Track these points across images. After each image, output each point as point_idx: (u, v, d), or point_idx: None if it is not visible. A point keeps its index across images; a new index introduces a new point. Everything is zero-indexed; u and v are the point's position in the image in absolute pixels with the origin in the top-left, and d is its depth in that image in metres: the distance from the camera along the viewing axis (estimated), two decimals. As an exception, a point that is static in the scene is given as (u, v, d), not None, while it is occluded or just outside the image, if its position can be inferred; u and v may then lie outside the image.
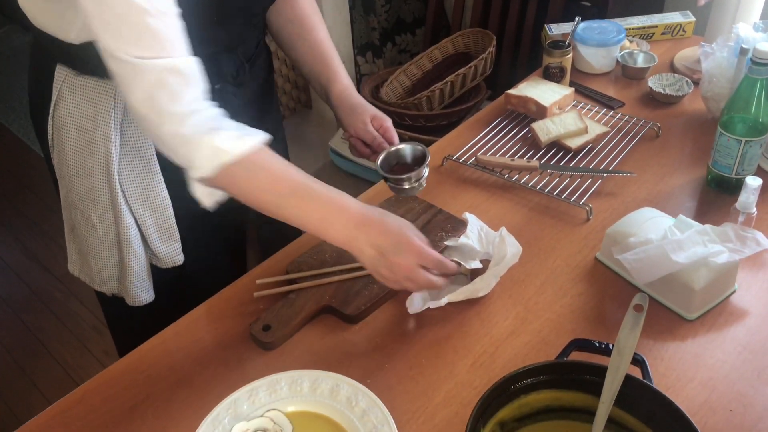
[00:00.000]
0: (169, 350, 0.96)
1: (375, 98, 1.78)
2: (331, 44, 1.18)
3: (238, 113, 1.04)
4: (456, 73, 1.70)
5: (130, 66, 0.80)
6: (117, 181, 1.02)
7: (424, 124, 1.71)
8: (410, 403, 0.86)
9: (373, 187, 1.28)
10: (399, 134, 1.72)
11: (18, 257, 2.53)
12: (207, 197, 0.91)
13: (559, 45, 1.41)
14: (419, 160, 1.10)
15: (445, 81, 1.69)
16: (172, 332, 0.99)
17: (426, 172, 1.09)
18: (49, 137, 1.04)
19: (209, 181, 0.87)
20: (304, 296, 1.00)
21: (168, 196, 1.07)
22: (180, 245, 1.11)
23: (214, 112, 0.87)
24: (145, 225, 1.07)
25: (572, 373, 0.75)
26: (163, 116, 0.83)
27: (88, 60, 0.93)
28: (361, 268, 1.02)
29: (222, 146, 0.84)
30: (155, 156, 1.03)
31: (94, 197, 1.04)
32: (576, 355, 0.79)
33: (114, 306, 1.16)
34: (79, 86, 0.98)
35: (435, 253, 0.90)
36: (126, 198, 1.04)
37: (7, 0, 3.86)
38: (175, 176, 1.08)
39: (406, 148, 1.11)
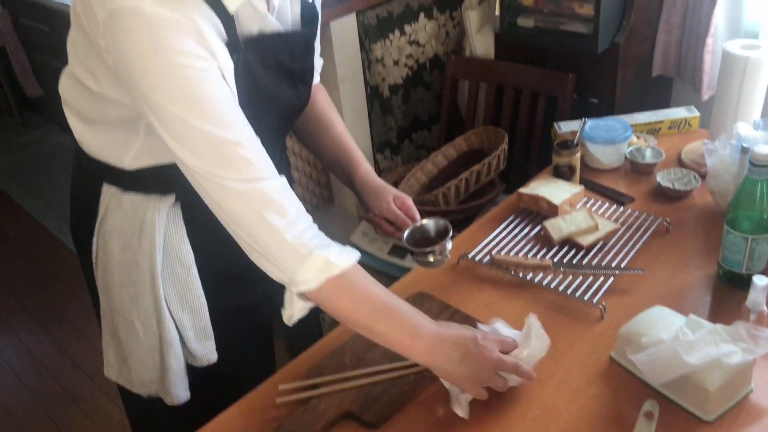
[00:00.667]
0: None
1: (393, 195, 1.85)
2: (349, 135, 1.29)
3: None
4: (470, 169, 1.77)
5: (234, 192, 0.89)
6: (161, 288, 1.08)
7: (441, 220, 1.77)
8: None
9: (398, 282, 1.32)
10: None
11: (48, 351, 2.59)
12: (300, 311, 0.98)
13: (568, 145, 1.47)
14: (442, 234, 1.19)
15: (460, 177, 1.75)
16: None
17: (449, 245, 1.18)
18: (94, 251, 1.11)
19: (310, 295, 0.94)
20: (325, 402, 1.03)
21: (204, 298, 1.14)
22: (214, 344, 1.16)
23: (316, 228, 0.96)
24: (183, 326, 1.13)
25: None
26: (277, 234, 0.90)
27: (135, 179, 1.01)
28: (380, 373, 1.06)
29: (333, 260, 0.92)
30: (194, 263, 1.10)
31: (138, 304, 1.11)
32: (591, 464, 0.79)
33: (139, 404, 1.20)
34: (126, 201, 1.05)
35: (509, 339, 1.00)
36: (167, 302, 1.10)
37: (47, 102, 4.11)
38: (210, 281, 1.15)
39: (430, 223, 1.20)
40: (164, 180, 1.04)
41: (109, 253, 1.09)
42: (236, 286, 1.22)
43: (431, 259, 1.16)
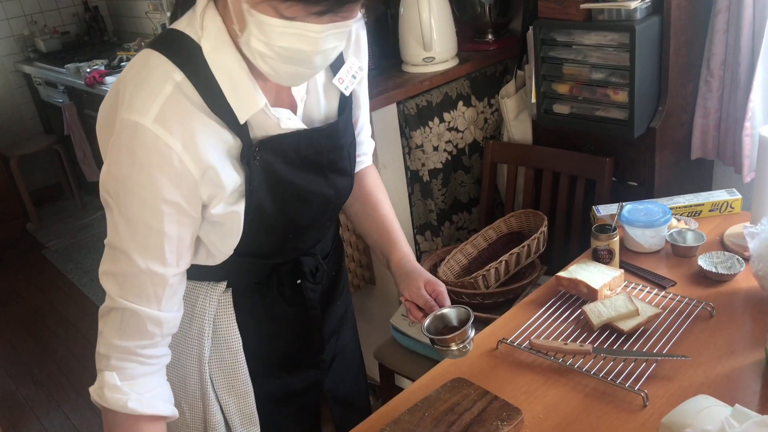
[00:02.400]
0: None
1: (434, 273, 1.87)
2: (393, 217, 1.30)
3: (314, 304, 1.17)
4: (510, 252, 1.78)
5: (122, 310, 0.95)
6: (207, 372, 1.12)
7: (481, 302, 1.77)
8: None
9: (436, 366, 1.32)
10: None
11: (89, 423, 2.62)
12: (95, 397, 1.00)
13: (606, 229, 1.48)
14: (464, 322, 1.15)
15: (500, 260, 1.76)
16: None
17: (472, 333, 1.14)
18: None
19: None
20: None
21: (251, 384, 1.17)
22: (259, 430, 1.18)
23: (142, 367, 0.97)
24: (228, 411, 1.16)
25: None
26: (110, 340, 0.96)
27: (190, 268, 1.06)
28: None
29: (106, 395, 0.95)
30: (241, 348, 1.14)
31: (185, 387, 1.14)
32: None
33: None
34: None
35: None
36: (214, 386, 1.14)
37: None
38: (258, 366, 1.18)
39: (451, 312, 1.17)
40: (217, 269, 1.09)
41: None
42: (284, 371, 1.25)
43: (453, 347, 1.13)
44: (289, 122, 1.02)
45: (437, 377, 1.27)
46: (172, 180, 0.90)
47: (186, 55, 0.91)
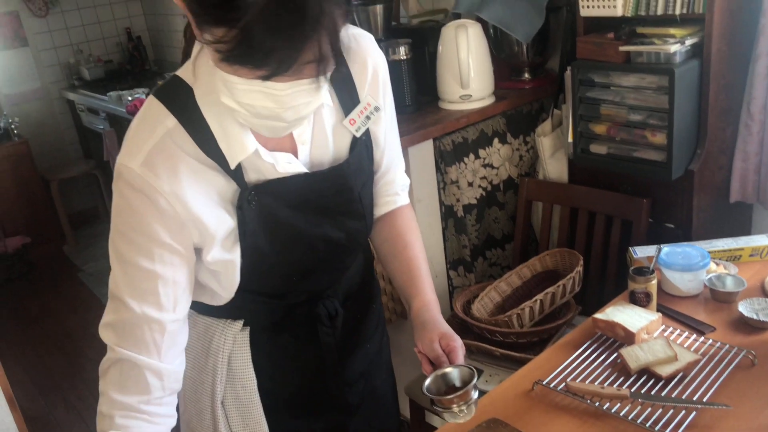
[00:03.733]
0: None
1: (466, 314, 1.87)
2: (422, 261, 1.23)
3: (330, 348, 1.16)
4: (545, 291, 1.77)
5: (121, 361, 0.94)
6: (219, 408, 1.13)
7: (515, 341, 1.77)
8: None
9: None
10: (489, 350, 1.78)
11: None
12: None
13: (643, 271, 1.47)
14: (468, 383, 1.06)
15: (534, 299, 1.76)
16: None
17: (475, 394, 1.06)
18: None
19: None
20: None
21: (266, 423, 1.17)
22: None
23: (153, 426, 0.95)
24: None
25: None
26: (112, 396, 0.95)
27: (208, 306, 1.08)
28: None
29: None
30: (256, 387, 1.15)
31: (201, 420, 1.16)
32: None
33: None
34: (199, 323, 1.13)
35: None
36: (228, 422, 1.15)
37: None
38: (274, 404, 1.18)
39: (454, 371, 1.08)
40: (236, 307, 1.10)
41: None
42: (302, 412, 1.24)
43: (455, 409, 1.05)
44: (289, 166, 1.00)
45: (470, 419, 1.26)
46: (160, 222, 0.91)
47: (181, 101, 0.93)
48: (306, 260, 1.08)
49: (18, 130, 4.38)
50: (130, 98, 3.87)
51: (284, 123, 0.87)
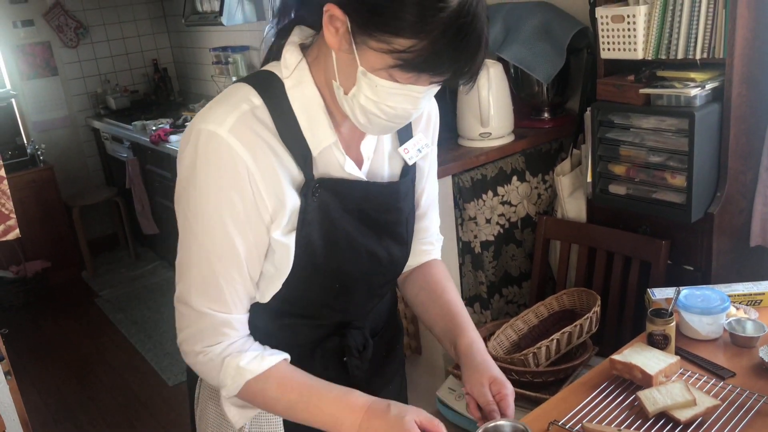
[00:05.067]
0: None
1: (482, 352, 1.86)
2: (461, 303, 1.24)
3: (361, 382, 1.16)
4: (562, 331, 1.76)
5: (195, 313, 1.00)
6: None
7: (530, 380, 1.75)
8: None
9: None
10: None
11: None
12: (238, 418, 1.05)
13: (662, 314, 1.46)
14: None
15: (551, 338, 1.75)
16: None
17: None
18: (195, 404, 1.20)
19: (236, 399, 1.02)
20: None
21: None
22: None
23: (241, 339, 1.03)
24: None
25: None
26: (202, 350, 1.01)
27: None
28: None
29: (244, 366, 0.99)
30: (282, 425, 1.13)
31: None
32: None
33: None
34: None
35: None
36: None
37: (160, 240, 4.46)
38: None
39: (507, 426, 1.06)
40: (268, 334, 1.10)
41: (205, 410, 1.17)
42: None
43: None
44: (353, 170, 1.06)
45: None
46: (239, 189, 0.95)
47: (268, 86, 0.98)
48: (351, 269, 1.10)
49: (44, 156, 4.47)
50: (154, 128, 3.94)
51: (401, 123, 0.98)
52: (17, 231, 1.75)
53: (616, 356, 1.43)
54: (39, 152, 4.44)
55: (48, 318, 4.15)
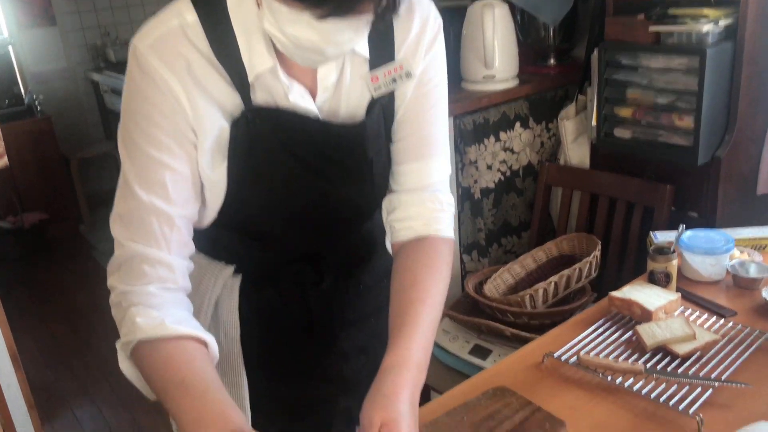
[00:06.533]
0: None
1: (478, 293, 1.82)
2: (426, 309, 0.97)
3: (315, 317, 1.11)
4: (560, 273, 1.73)
5: (117, 244, 0.93)
6: None
7: (527, 323, 1.72)
8: None
9: (477, 375, 1.29)
10: (499, 329, 1.73)
11: (120, 419, 2.63)
12: (129, 372, 0.94)
13: (664, 251, 1.42)
14: None
15: (549, 281, 1.71)
16: None
17: None
18: None
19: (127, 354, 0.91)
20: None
21: (245, 376, 1.12)
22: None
23: (162, 291, 0.91)
24: None
25: None
26: (123, 288, 0.92)
27: (204, 241, 1.04)
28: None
29: (140, 323, 0.87)
30: (239, 338, 1.10)
31: None
32: None
33: None
34: (194, 259, 1.04)
35: None
36: None
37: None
38: (256, 362, 1.13)
39: None
40: (227, 249, 1.07)
41: None
42: (284, 376, 1.18)
43: None
44: (301, 100, 0.94)
45: (477, 386, 1.21)
46: (164, 108, 0.89)
47: (210, 3, 0.90)
48: (294, 209, 1.02)
49: (42, 107, 4.41)
50: (153, 79, 3.87)
51: (323, 57, 0.84)
52: (5, 159, 1.71)
53: (615, 293, 1.40)
54: (37, 102, 4.38)
55: (44, 269, 4.13)
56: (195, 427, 0.81)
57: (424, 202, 1.05)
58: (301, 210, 1.03)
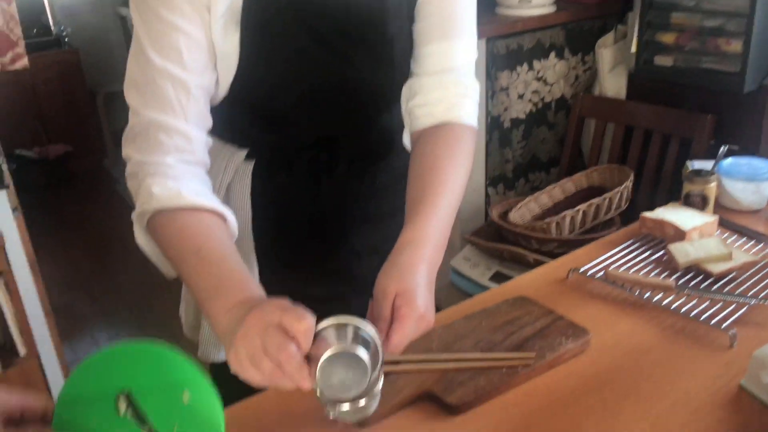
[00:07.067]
0: (259, 413, 0.92)
1: (503, 219, 1.76)
2: (446, 191, 0.91)
3: (326, 207, 1.06)
4: (589, 202, 1.66)
5: (132, 114, 0.88)
6: None
7: (552, 251, 1.66)
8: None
9: (499, 287, 1.24)
10: (523, 255, 1.67)
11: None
12: (140, 236, 0.91)
13: (702, 173, 1.35)
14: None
15: (577, 209, 1.65)
16: (265, 397, 0.96)
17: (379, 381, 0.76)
18: None
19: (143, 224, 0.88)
20: (405, 379, 0.94)
21: (256, 263, 1.09)
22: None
23: (178, 161, 0.87)
24: None
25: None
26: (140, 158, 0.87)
27: (218, 121, 0.98)
28: (468, 361, 0.96)
29: (157, 193, 0.83)
30: (251, 224, 1.07)
31: None
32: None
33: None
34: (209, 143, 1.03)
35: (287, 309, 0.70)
36: None
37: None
38: (268, 251, 1.10)
39: (329, 331, 0.72)
40: (240, 132, 1.03)
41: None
42: (296, 269, 1.14)
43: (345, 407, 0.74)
44: None
45: (497, 296, 1.17)
46: None
47: None
48: (308, 88, 0.96)
49: (69, 39, 4.38)
50: (181, 11, 3.81)
51: None
52: (26, 60, 1.67)
53: (647, 214, 1.33)
54: (64, 34, 4.35)
55: (68, 200, 4.16)
56: (212, 294, 0.77)
57: (447, 86, 0.97)
58: (315, 90, 0.98)
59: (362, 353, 0.69)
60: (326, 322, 0.70)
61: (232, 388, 0.93)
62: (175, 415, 0.71)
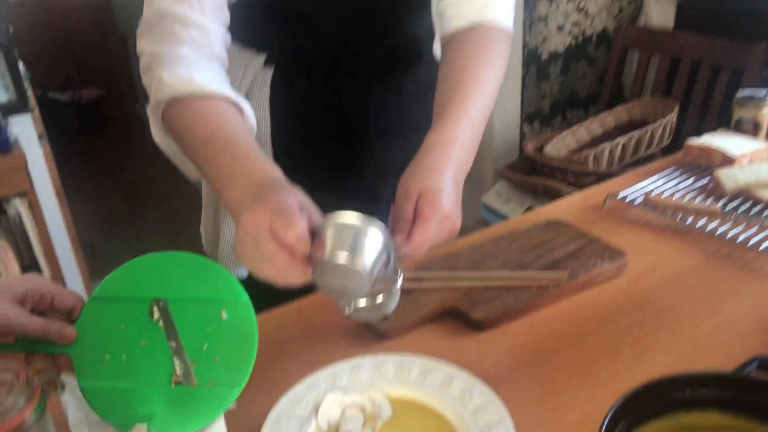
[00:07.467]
0: (280, 325, 0.89)
1: (539, 153, 1.69)
2: (476, 92, 0.84)
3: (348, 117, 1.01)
4: (629, 135, 1.57)
5: (147, 3, 0.83)
6: None
7: (589, 185, 1.58)
8: (535, 413, 0.71)
9: (532, 211, 1.17)
10: (558, 188, 1.60)
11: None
12: (156, 132, 0.87)
13: (755, 98, 1.26)
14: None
15: (616, 141, 1.56)
16: (286, 310, 0.93)
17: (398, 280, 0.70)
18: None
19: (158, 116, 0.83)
20: (428, 295, 0.90)
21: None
22: None
23: (199, 60, 0.82)
24: None
25: (757, 393, 0.57)
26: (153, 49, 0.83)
27: (235, 24, 0.93)
28: (496, 279, 0.91)
29: (168, 81, 0.79)
30: (270, 134, 1.02)
31: None
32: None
33: None
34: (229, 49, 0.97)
35: (293, 213, 0.63)
36: None
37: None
38: (288, 165, 1.05)
39: (330, 232, 0.64)
40: (259, 34, 0.98)
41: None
42: (318, 186, 1.10)
43: (362, 303, 0.70)
44: None
45: (529, 220, 1.11)
46: None
47: None
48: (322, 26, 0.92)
49: (101, -19, 4.35)
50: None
51: None
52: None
53: (692, 140, 1.25)
54: (96, -25, 4.31)
55: (100, 144, 4.18)
56: (227, 179, 0.72)
57: None
58: (332, 21, 0.93)
59: (358, 264, 0.63)
60: (331, 220, 0.65)
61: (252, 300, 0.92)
62: (209, 332, 0.67)
